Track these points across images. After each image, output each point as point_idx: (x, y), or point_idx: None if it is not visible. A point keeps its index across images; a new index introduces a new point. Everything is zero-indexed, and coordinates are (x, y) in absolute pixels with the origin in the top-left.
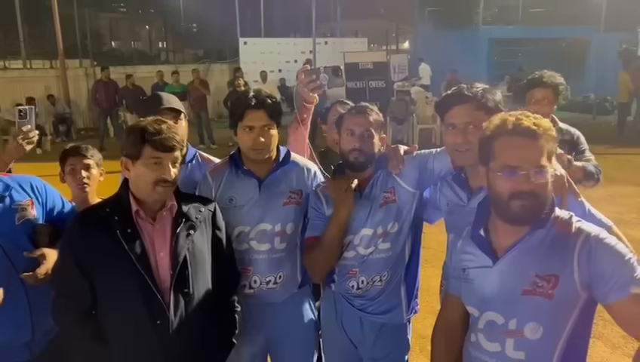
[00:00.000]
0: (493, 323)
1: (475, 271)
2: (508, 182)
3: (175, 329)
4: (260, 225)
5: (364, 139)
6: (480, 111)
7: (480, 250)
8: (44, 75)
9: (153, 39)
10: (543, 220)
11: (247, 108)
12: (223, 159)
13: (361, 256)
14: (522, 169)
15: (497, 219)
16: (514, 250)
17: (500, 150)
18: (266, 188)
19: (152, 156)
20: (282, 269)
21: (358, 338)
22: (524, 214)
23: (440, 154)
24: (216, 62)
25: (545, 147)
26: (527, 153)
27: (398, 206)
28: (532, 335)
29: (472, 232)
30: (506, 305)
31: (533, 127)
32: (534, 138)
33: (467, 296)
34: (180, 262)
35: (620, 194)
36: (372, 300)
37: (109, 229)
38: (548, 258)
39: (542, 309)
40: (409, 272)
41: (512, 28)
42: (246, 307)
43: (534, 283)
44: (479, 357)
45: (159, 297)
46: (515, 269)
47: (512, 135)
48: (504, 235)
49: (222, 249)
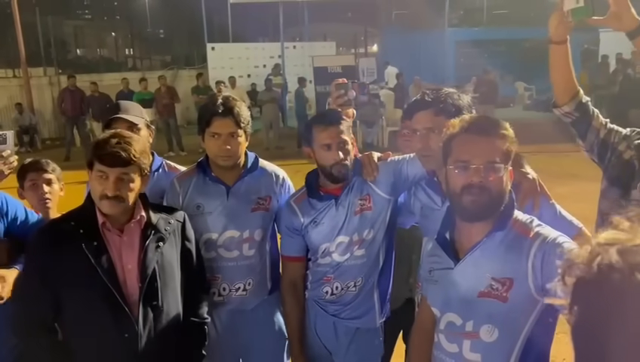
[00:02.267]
0: (452, 324)
1: (439, 273)
2: (459, 177)
3: (144, 343)
4: (228, 232)
5: (342, 149)
6: (440, 117)
7: (444, 252)
8: (6, 84)
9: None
10: (502, 222)
11: (214, 115)
12: (191, 166)
13: (336, 262)
14: (472, 163)
15: (458, 220)
16: (474, 252)
17: (455, 147)
18: (233, 195)
19: (98, 169)
20: (251, 276)
21: (332, 343)
22: (475, 209)
23: (414, 159)
24: (185, 68)
25: (500, 145)
26: (479, 148)
27: (373, 213)
28: (487, 337)
29: (438, 234)
30: (463, 307)
31: (487, 125)
32: (487, 135)
33: (432, 297)
34: (148, 274)
35: (584, 191)
36: (346, 305)
37: (74, 242)
38: (504, 261)
39: (496, 312)
40: (382, 277)
41: (477, 30)
42: (216, 315)
43: (490, 285)
44: (440, 357)
45: (127, 310)
46: (473, 271)
47: (467, 133)
48: (466, 237)
49: (191, 260)
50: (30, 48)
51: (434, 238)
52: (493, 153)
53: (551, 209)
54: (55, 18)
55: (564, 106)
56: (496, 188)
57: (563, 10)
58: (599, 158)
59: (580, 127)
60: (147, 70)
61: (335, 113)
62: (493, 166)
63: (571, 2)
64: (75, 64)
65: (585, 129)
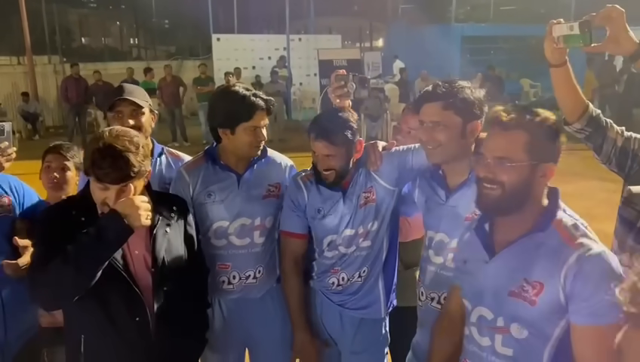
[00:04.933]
0: (484, 318)
1: (473, 265)
2: (477, 168)
3: (155, 327)
4: (240, 220)
5: (327, 161)
6: (448, 111)
7: (480, 244)
8: (11, 71)
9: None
10: (543, 223)
11: (257, 109)
12: (197, 155)
13: (342, 254)
14: (487, 157)
15: None
16: (510, 249)
17: (485, 138)
18: (244, 183)
19: (97, 182)
20: (262, 263)
21: (337, 333)
22: (487, 202)
23: (419, 150)
24: (189, 58)
25: (522, 142)
26: (496, 142)
27: (378, 205)
28: (518, 334)
29: (477, 224)
30: (494, 302)
31: (505, 118)
32: (505, 128)
33: (464, 288)
34: (160, 260)
35: (587, 189)
36: (351, 295)
37: (77, 229)
38: (539, 263)
39: (525, 313)
40: (387, 267)
41: (484, 25)
42: (224, 303)
43: (521, 286)
44: (473, 350)
45: (139, 294)
46: (507, 268)
47: (493, 125)
48: (505, 232)
49: (193, 244)
50: (35, 36)
51: (472, 228)
52: (511, 147)
53: None
54: (60, 6)
55: (576, 124)
56: (510, 183)
57: (552, 36)
58: (619, 168)
59: (595, 140)
60: (152, 60)
61: (328, 124)
62: (502, 161)
63: (562, 29)
64: (79, 53)
65: (600, 142)
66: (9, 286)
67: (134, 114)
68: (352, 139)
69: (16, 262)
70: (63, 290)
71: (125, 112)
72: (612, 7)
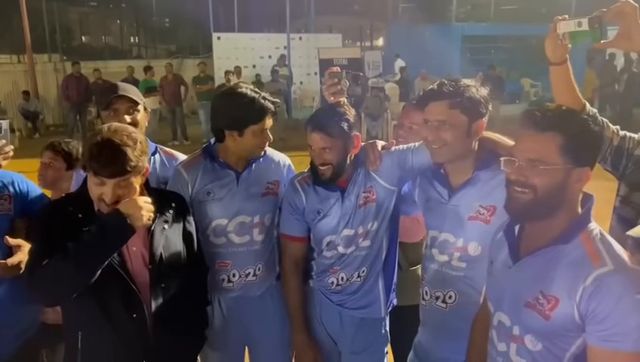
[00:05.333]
0: (502, 324)
1: (498, 267)
2: (507, 170)
3: (153, 324)
4: (239, 218)
5: (323, 155)
6: (455, 110)
7: (507, 247)
8: (11, 69)
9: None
10: (569, 235)
11: (267, 112)
12: (194, 153)
13: (341, 254)
14: (519, 159)
15: None
16: (533, 257)
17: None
18: (243, 180)
19: (94, 176)
20: (261, 261)
21: (337, 333)
22: (517, 206)
23: (419, 148)
24: (190, 57)
25: (555, 141)
26: (529, 144)
27: (377, 204)
28: (532, 346)
29: (507, 226)
30: (512, 310)
31: (540, 118)
32: (540, 129)
33: (488, 289)
34: (158, 257)
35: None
36: (351, 295)
37: (73, 227)
38: (558, 277)
39: (538, 327)
40: (387, 266)
41: (485, 25)
42: (223, 302)
43: (537, 298)
44: (492, 354)
45: (136, 291)
46: (526, 277)
47: (524, 127)
48: (533, 237)
49: (192, 242)
50: (35, 34)
51: (504, 229)
52: (542, 150)
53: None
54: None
55: None
56: (542, 188)
57: (557, 33)
58: (613, 166)
59: None
60: (152, 58)
61: (327, 118)
62: (533, 164)
63: (569, 25)
64: (80, 51)
65: None
66: (4, 284)
67: (130, 111)
68: (349, 132)
69: (5, 262)
70: (62, 287)
71: (121, 109)
72: (625, 2)
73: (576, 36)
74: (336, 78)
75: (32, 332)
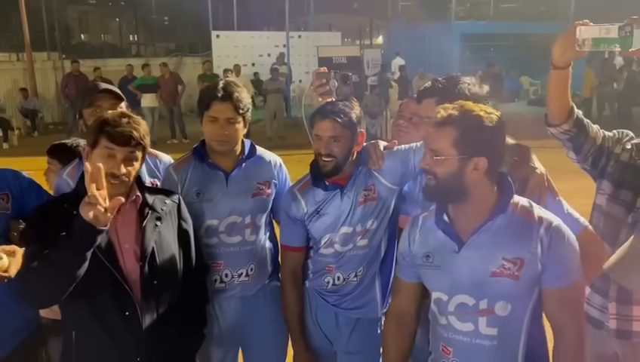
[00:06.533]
0: (464, 305)
1: (441, 257)
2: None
3: (145, 321)
4: (230, 218)
5: (330, 145)
6: None
7: (445, 235)
8: (10, 68)
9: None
10: (501, 205)
11: (214, 98)
12: (185, 154)
13: (338, 252)
14: (427, 151)
15: (452, 203)
16: (479, 234)
17: None
18: (233, 181)
19: (106, 147)
20: (253, 261)
21: (333, 333)
22: (426, 190)
23: (420, 148)
24: (189, 55)
25: (450, 135)
26: (431, 138)
27: (378, 203)
28: (502, 312)
29: (435, 218)
30: (475, 288)
31: (439, 115)
32: (438, 125)
33: (434, 282)
34: (148, 253)
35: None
36: (347, 295)
37: (68, 224)
38: (514, 241)
39: (509, 289)
40: (384, 267)
41: (484, 23)
42: (217, 302)
43: (502, 265)
44: (452, 337)
45: (127, 289)
46: (482, 253)
47: None
48: (466, 220)
49: (189, 241)
50: (34, 32)
51: (426, 222)
52: (437, 142)
53: (558, 205)
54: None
55: (564, 125)
56: (442, 176)
57: (573, 36)
58: (592, 165)
59: (577, 141)
60: (151, 57)
61: (339, 107)
62: (435, 155)
63: (593, 31)
64: (78, 49)
65: (582, 142)
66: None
67: (114, 107)
68: (357, 125)
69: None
70: (48, 291)
71: (105, 106)
72: None
73: (600, 42)
74: (324, 78)
75: (31, 330)
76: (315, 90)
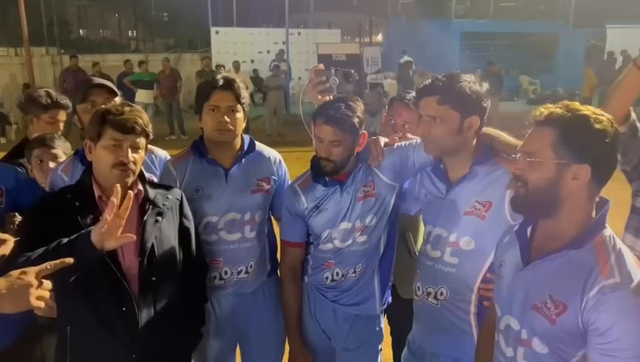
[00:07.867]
0: (510, 328)
1: (508, 269)
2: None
3: (143, 317)
4: (229, 215)
5: (331, 149)
6: (444, 106)
7: (518, 249)
8: (8, 62)
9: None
10: (581, 240)
11: (215, 87)
12: (184, 149)
13: (337, 248)
14: (519, 153)
15: (544, 218)
16: (543, 261)
17: None
18: (232, 177)
19: (112, 137)
20: (253, 258)
21: (331, 329)
22: (514, 200)
23: (420, 145)
24: (188, 51)
25: (551, 135)
26: (525, 139)
27: (377, 199)
28: (539, 349)
29: (518, 228)
30: (521, 313)
31: (538, 114)
32: (535, 125)
33: (496, 291)
34: (147, 249)
35: None
36: (345, 291)
37: (70, 215)
38: (567, 283)
39: (544, 330)
40: (383, 264)
41: (484, 22)
42: (216, 299)
43: (544, 302)
44: (498, 358)
45: (125, 284)
46: (536, 280)
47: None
48: (544, 240)
49: (190, 238)
50: (33, 27)
51: (514, 230)
52: (537, 144)
53: None
54: None
55: (621, 127)
56: (533, 182)
57: None
58: (635, 167)
59: (627, 143)
60: (150, 52)
61: (341, 111)
62: (528, 156)
63: None
64: (77, 44)
65: (632, 144)
66: None
67: (108, 102)
68: (359, 129)
69: None
70: None
71: (98, 101)
72: None
73: None
74: (323, 75)
75: (26, 326)
76: (314, 88)
